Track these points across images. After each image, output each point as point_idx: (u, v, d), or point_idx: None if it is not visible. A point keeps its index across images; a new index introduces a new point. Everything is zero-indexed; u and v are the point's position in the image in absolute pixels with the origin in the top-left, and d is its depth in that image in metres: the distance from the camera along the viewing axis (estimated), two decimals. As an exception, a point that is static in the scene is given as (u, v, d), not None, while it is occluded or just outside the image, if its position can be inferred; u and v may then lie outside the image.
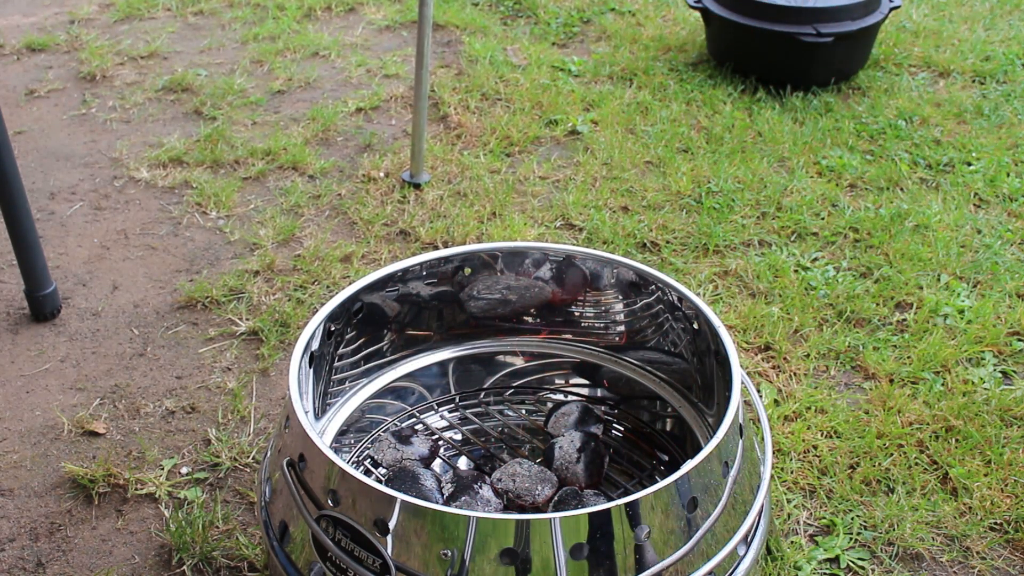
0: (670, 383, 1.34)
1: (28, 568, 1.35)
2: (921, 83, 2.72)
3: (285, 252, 2.00)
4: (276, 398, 1.64)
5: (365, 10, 3.21)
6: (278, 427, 1.12)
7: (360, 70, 2.79)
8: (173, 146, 2.37)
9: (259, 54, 2.87)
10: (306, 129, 2.47)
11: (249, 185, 2.25)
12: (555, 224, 2.09)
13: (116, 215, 2.14)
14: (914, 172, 2.30)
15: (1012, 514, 1.42)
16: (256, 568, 1.33)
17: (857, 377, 1.70)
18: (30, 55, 2.89)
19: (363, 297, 1.27)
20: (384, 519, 0.93)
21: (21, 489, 1.47)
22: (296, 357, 1.12)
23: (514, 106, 2.56)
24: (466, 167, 2.28)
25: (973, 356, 1.73)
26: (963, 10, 3.22)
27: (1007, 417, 1.59)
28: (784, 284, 1.90)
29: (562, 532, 0.91)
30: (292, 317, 1.80)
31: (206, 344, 1.76)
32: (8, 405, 1.63)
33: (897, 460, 1.51)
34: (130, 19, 3.13)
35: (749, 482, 1.07)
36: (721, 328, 1.16)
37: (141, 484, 1.47)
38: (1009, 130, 2.48)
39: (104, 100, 2.63)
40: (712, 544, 1.00)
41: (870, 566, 1.35)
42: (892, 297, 1.87)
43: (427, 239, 2.03)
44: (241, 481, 1.49)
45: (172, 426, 1.59)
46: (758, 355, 1.73)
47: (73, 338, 1.78)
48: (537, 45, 2.94)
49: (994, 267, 1.96)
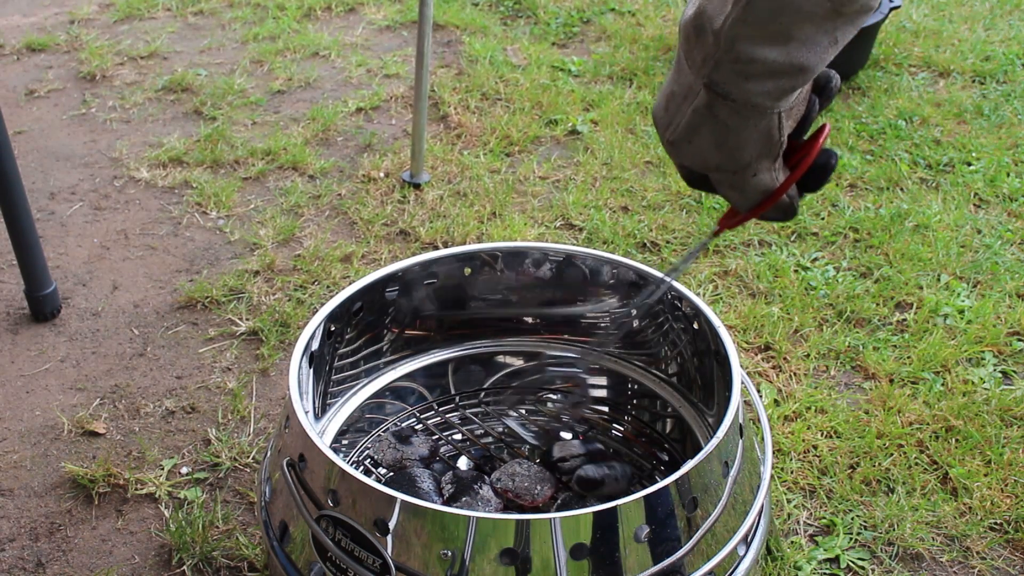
0: (670, 383, 1.34)
1: (28, 568, 1.35)
2: (921, 83, 2.72)
3: (285, 252, 2.00)
4: (276, 398, 1.64)
5: (365, 10, 3.22)
6: (278, 427, 1.12)
7: (360, 70, 2.79)
8: (173, 146, 2.38)
9: (259, 54, 2.87)
10: (306, 129, 2.47)
11: (249, 185, 2.25)
12: (555, 224, 2.09)
13: (116, 215, 2.14)
14: (914, 172, 2.30)
15: (1012, 514, 1.42)
16: (256, 568, 1.33)
17: (857, 377, 1.70)
18: (30, 55, 2.89)
19: (363, 297, 1.27)
20: (384, 519, 0.93)
21: (21, 489, 1.47)
22: (296, 357, 1.12)
23: (514, 106, 2.56)
24: (466, 167, 2.28)
25: (973, 356, 1.73)
26: (963, 10, 3.22)
27: (1007, 417, 1.59)
28: (784, 284, 1.90)
29: (562, 532, 0.91)
30: (292, 317, 1.80)
31: (206, 344, 1.76)
32: (8, 405, 1.63)
33: (897, 460, 1.51)
34: (130, 19, 3.13)
35: (749, 482, 1.07)
36: (721, 328, 1.16)
37: (141, 484, 1.47)
38: (1009, 130, 2.48)
39: (104, 100, 2.63)
40: (712, 544, 1.00)
41: (870, 566, 1.35)
42: (892, 297, 1.87)
43: (427, 239, 2.03)
44: (241, 481, 1.49)
45: (172, 426, 1.59)
46: (758, 355, 1.73)
47: (73, 338, 1.78)
48: (537, 45, 2.94)
49: (994, 267, 1.96)
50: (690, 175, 0.84)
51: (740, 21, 0.70)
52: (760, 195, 0.80)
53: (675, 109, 0.78)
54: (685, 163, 0.82)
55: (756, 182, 0.79)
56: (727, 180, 0.80)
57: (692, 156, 0.80)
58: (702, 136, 0.77)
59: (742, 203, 0.82)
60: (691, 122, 0.77)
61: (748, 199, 0.81)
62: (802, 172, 0.80)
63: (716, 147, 0.77)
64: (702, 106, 0.76)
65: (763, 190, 0.80)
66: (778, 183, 0.80)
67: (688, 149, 0.79)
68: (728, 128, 0.75)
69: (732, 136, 0.76)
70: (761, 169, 0.78)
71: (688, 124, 0.77)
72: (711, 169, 0.80)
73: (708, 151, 0.78)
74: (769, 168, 0.79)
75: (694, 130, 0.77)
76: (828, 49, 0.72)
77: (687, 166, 0.82)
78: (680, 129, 0.78)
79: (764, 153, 0.77)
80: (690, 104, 0.77)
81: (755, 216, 0.83)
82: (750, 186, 0.80)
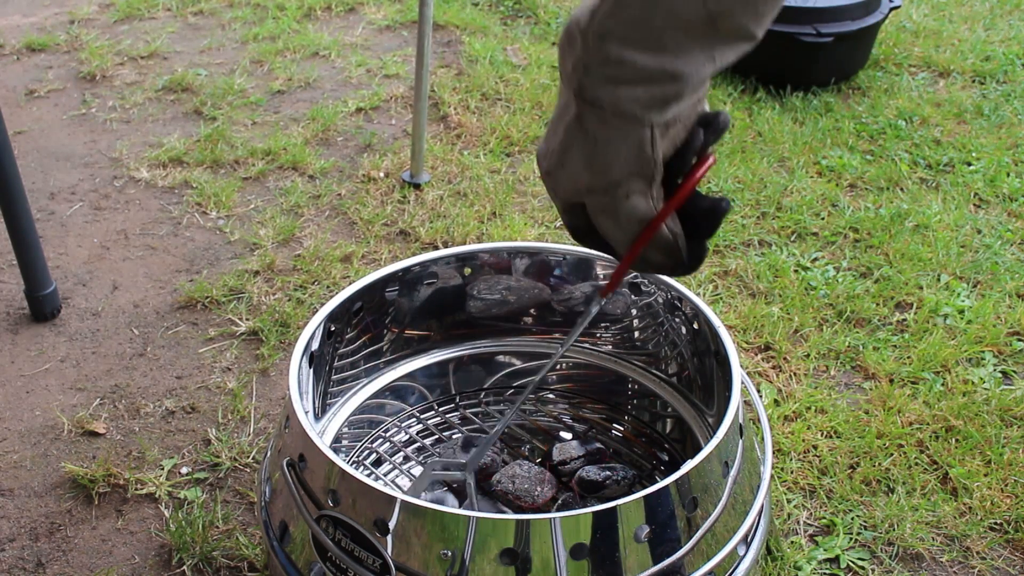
0: (670, 383, 1.34)
1: (28, 568, 1.35)
2: (921, 83, 2.72)
3: (285, 252, 2.00)
4: (276, 398, 1.64)
5: (365, 10, 3.22)
6: (278, 427, 1.12)
7: (360, 70, 2.79)
8: (173, 146, 2.37)
9: (259, 54, 2.87)
10: (306, 129, 2.47)
11: (249, 185, 2.25)
12: (555, 224, 2.09)
13: (116, 215, 2.14)
14: (914, 172, 2.30)
15: (1012, 514, 1.42)
16: (256, 568, 1.33)
17: (857, 377, 1.70)
18: (30, 55, 2.89)
19: (363, 297, 1.27)
20: (384, 519, 0.93)
21: (21, 489, 1.47)
22: (296, 357, 1.12)
23: (514, 106, 2.56)
24: (466, 167, 2.28)
25: (973, 356, 1.73)
26: (963, 10, 3.22)
27: (1007, 417, 1.59)
28: (784, 284, 1.90)
29: (562, 532, 0.91)
30: (292, 317, 1.80)
31: (206, 344, 1.76)
32: (8, 405, 1.63)
33: (897, 460, 1.51)
34: (130, 19, 3.13)
35: (749, 482, 1.07)
36: (721, 328, 1.16)
37: (141, 484, 1.47)
38: (1009, 130, 2.48)
39: (104, 100, 2.63)
40: (712, 544, 1.00)
41: (870, 566, 1.35)
42: (892, 297, 1.87)
43: (427, 239, 2.03)
44: (241, 481, 1.49)
45: (172, 426, 1.59)
46: (758, 355, 1.73)
47: (73, 338, 1.78)
48: (537, 45, 2.94)
49: (994, 267, 1.96)
50: (572, 219, 0.80)
51: (609, 16, 0.67)
52: (636, 224, 0.75)
53: (551, 134, 0.76)
54: (561, 195, 0.78)
55: (630, 206, 0.74)
56: (600, 205, 0.75)
57: (565, 182, 0.76)
58: (573, 156, 0.74)
59: (619, 236, 0.77)
60: (564, 142, 0.74)
61: (623, 229, 0.76)
62: (681, 198, 0.75)
63: (585, 165, 0.73)
64: (572, 120, 0.73)
65: (639, 218, 0.75)
66: (655, 212, 0.75)
67: (562, 175, 0.76)
68: (597, 141, 0.72)
69: (601, 149, 0.72)
70: (633, 191, 0.73)
71: (561, 144, 0.74)
72: (583, 193, 0.76)
73: (578, 171, 0.74)
74: (644, 192, 0.74)
75: (566, 150, 0.74)
76: (705, 65, 0.68)
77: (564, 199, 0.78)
78: (554, 154, 0.76)
79: (635, 171, 0.73)
80: (563, 123, 0.74)
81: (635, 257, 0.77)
82: (624, 210, 0.74)
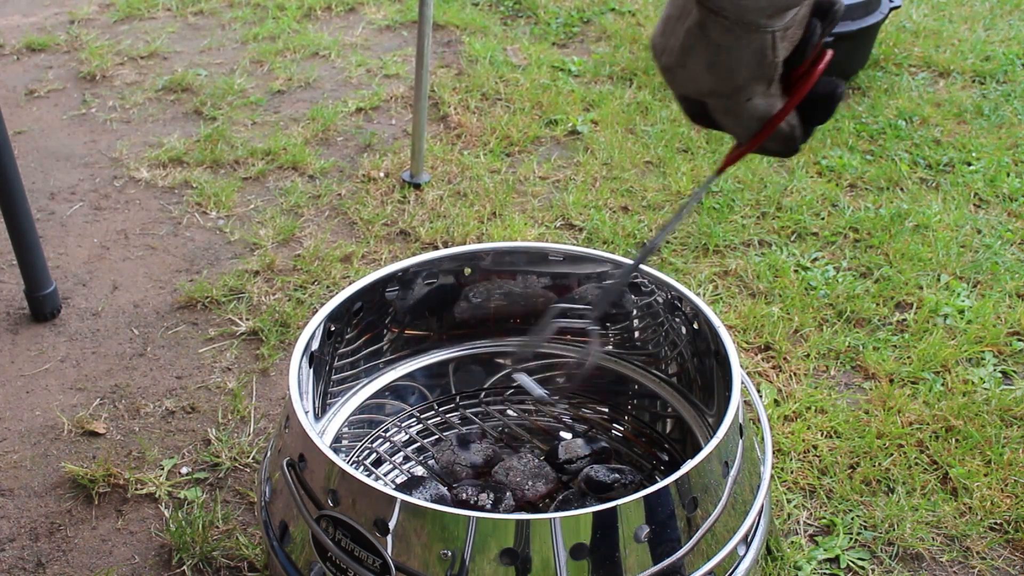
0: (670, 383, 1.34)
1: (28, 568, 1.35)
2: (921, 83, 2.72)
3: (285, 252, 2.00)
4: (276, 398, 1.64)
5: (365, 10, 3.22)
6: (278, 427, 1.12)
7: (360, 70, 2.79)
8: (173, 146, 2.38)
9: (259, 54, 2.87)
10: (306, 129, 2.47)
11: (249, 185, 2.25)
12: (555, 224, 2.09)
13: (116, 215, 2.14)
14: (914, 172, 2.30)
15: (1012, 514, 1.42)
16: (256, 568, 1.33)
17: (857, 377, 1.70)
18: (30, 55, 2.89)
19: (363, 297, 1.27)
20: (384, 519, 0.93)
21: (21, 489, 1.47)
22: (296, 357, 1.12)
23: (514, 106, 2.56)
24: (466, 167, 2.28)
25: (973, 356, 1.73)
26: (963, 10, 3.22)
27: (1007, 417, 1.59)
28: (784, 284, 1.90)
29: (562, 532, 0.91)
30: (292, 317, 1.80)
31: (206, 344, 1.76)
32: (8, 405, 1.63)
33: (897, 460, 1.51)
34: (130, 19, 3.13)
35: (749, 482, 1.07)
36: (721, 328, 1.16)
37: (141, 484, 1.47)
38: (1009, 130, 2.48)
39: (104, 100, 2.63)
40: (712, 544, 1.00)
41: (870, 566, 1.35)
42: (892, 297, 1.87)
43: (427, 239, 2.03)
44: (241, 481, 1.49)
45: (172, 426, 1.59)
46: (758, 355, 1.73)
47: (73, 338, 1.78)
48: (537, 45, 2.94)
49: (994, 267, 1.96)
50: (690, 106, 0.82)
51: None
52: (757, 122, 0.78)
53: (670, 32, 0.77)
54: (679, 90, 0.80)
55: (751, 107, 0.77)
56: (722, 106, 0.78)
57: (686, 81, 0.78)
58: (695, 58, 0.75)
59: (739, 132, 0.80)
60: (684, 43, 0.75)
61: (745, 127, 0.79)
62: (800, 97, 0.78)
63: (708, 69, 0.75)
64: (695, 25, 0.74)
65: (759, 116, 0.78)
66: (775, 109, 0.78)
67: (682, 74, 0.77)
68: (720, 48, 0.73)
69: (724, 56, 0.74)
70: (756, 93, 0.76)
71: (682, 46, 0.75)
72: (705, 95, 0.78)
73: (701, 74, 0.76)
74: (765, 93, 0.77)
75: (687, 52, 0.75)
76: None
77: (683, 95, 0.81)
78: (675, 52, 0.77)
79: (758, 76, 0.75)
80: (684, 25, 0.75)
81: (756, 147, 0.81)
82: (746, 112, 0.78)
